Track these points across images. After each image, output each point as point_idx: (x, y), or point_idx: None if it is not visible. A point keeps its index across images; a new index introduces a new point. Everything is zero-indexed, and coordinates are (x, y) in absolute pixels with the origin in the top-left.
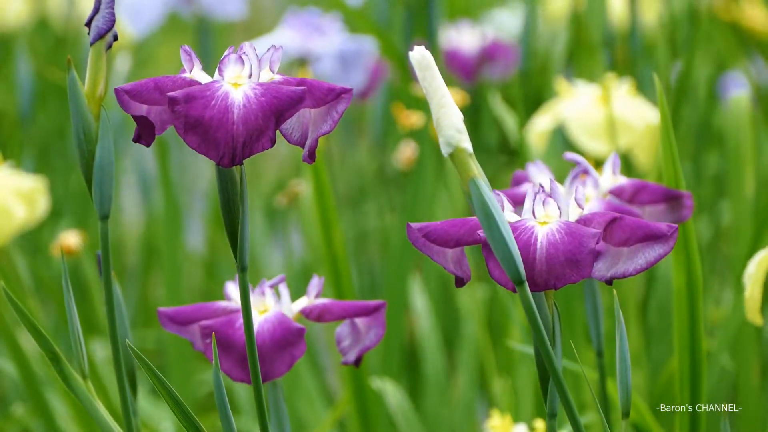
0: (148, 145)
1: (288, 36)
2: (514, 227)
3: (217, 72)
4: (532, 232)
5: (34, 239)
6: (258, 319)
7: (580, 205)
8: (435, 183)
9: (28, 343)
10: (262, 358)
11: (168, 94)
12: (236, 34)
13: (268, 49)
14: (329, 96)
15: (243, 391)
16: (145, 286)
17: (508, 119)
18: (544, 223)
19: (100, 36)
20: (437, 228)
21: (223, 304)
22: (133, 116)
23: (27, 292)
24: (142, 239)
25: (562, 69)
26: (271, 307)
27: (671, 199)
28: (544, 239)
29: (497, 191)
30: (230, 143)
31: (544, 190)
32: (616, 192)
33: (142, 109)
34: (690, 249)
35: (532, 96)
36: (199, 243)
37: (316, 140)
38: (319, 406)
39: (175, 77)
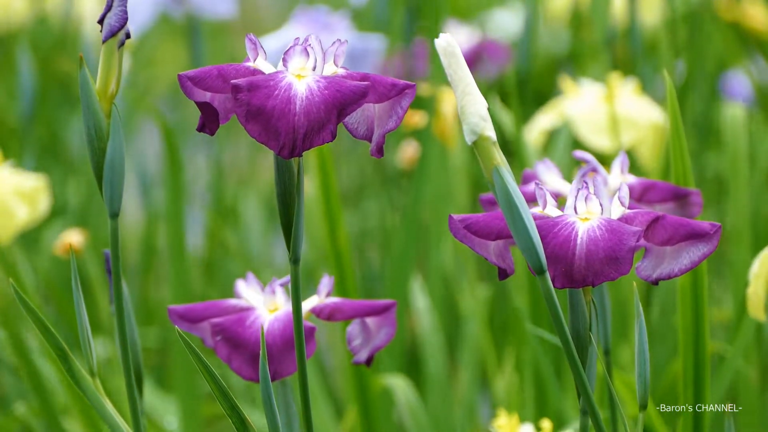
0: (212, 134)
1: (296, 33)
2: (555, 222)
3: (281, 62)
4: (573, 228)
5: (33, 238)
6: (268, 317)
7: (623, 203)
8: (437, 182)
9: (31, 340)
10: (272, 357)
11: (232, 81)
12: (235, 33)
13: (333, 43)
14: (392, 91)
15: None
16: (146, 285)
17: (505, 119)
18: (586, 219)
19: (113, 34)
20: (479, 220)
21: (233, 301)
22: (197, 103)
23: (29, 290)
24: (143, 238)
25: (563, 68)
26: (281, 305)
27: (680, 197)
28: (585, 235)
29: (541, 185)
30: (291, 134)
31: (587, 186)
32: None
33: (206, 96)
34: None
35: (532, 95)
36: (198, 245)
37: (383, 136)
38: (322, 405)
39: (239, 66)
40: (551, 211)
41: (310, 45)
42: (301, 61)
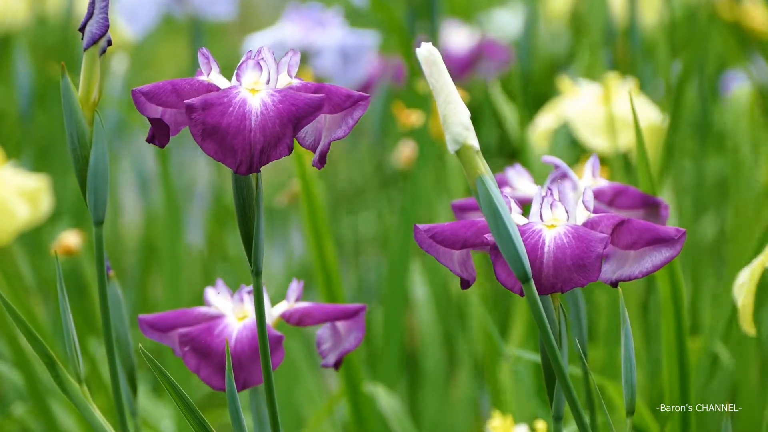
0: (162, 147)
1: (289, 30)
2: (522, 230)
3: (234, 77)
4: (540, 236)
5: (34, 238)
6: (237, 326)
7: (587, 208)
8: (434, 182)
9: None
10: (241, 366)
11: (185, 101)
12: (231, 33)
13: (287, 54)
14: (347, 102)
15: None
16: (144, 286)
17: (511, 117)
18: (552, 226)
19: (94, 41)
20: (444, 229)
21: (203, 309)
22: (148, 118)
23: (29, 291)
24: (142, 239)
25: (563, 68)
26: (250, 313)
27: (649, 205)
28: (552, 243)
29: (504, 193)
30: (248, 150)
31: (552, 193)
32: (596, 194)
33: (158, 111)
34: (672, 261)
35: (532, 95)
36: (197, 243)
37: (328, 145)
38: (318, 402)
39: (192, 80)
40: (516, 218)
41: (262, 58)
42: (255, 75)
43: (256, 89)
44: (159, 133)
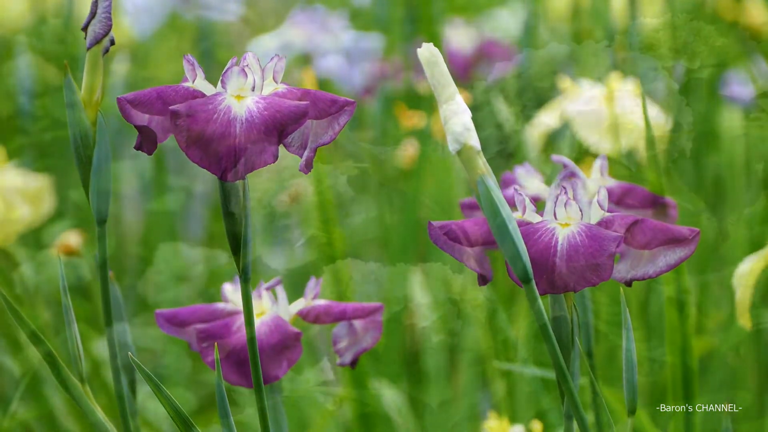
0: (150, 154)
1: (294, 32)
2: (536, 228)
3: (220, 84)
4: (553, 234)
5: (36, 238)
6: (255, 322)
7: (602, 207)
8: (435, 182)
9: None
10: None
11: (170, 108)
12: (237, 32)
13: (272, 59)
14: (332, 108)
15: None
16: (144, 286)
17: (509, 120)
18: (566, 224)
19: (97, 41)
20: (459, 226)
21: (220, 305)
22: (135, 126)
23: (30, 292)
24: (142, 239)
25: (563, 68)
26: (268, 309)
27: (658, 205)
28: (565, 242)
29: (520, 191)
30: (232, 158)
31: (566, 192)
32: None
33: (144, 118)
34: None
35: (532, 95)
36: (198, 241)
37: (315, 150)
38: (319, 401)
39: (178, 87)
40: (531, 216)
41: (247, 65)
42: (240, 81)
43: (241, 96)
44: (146, 141)
